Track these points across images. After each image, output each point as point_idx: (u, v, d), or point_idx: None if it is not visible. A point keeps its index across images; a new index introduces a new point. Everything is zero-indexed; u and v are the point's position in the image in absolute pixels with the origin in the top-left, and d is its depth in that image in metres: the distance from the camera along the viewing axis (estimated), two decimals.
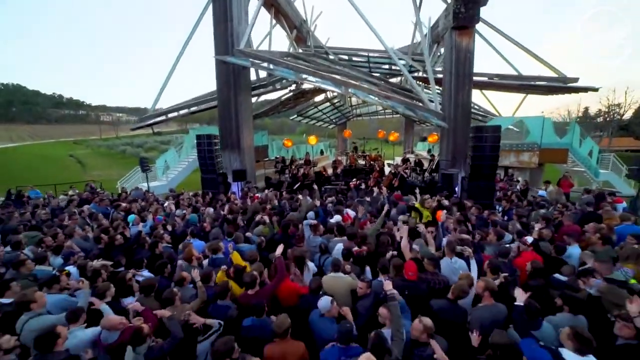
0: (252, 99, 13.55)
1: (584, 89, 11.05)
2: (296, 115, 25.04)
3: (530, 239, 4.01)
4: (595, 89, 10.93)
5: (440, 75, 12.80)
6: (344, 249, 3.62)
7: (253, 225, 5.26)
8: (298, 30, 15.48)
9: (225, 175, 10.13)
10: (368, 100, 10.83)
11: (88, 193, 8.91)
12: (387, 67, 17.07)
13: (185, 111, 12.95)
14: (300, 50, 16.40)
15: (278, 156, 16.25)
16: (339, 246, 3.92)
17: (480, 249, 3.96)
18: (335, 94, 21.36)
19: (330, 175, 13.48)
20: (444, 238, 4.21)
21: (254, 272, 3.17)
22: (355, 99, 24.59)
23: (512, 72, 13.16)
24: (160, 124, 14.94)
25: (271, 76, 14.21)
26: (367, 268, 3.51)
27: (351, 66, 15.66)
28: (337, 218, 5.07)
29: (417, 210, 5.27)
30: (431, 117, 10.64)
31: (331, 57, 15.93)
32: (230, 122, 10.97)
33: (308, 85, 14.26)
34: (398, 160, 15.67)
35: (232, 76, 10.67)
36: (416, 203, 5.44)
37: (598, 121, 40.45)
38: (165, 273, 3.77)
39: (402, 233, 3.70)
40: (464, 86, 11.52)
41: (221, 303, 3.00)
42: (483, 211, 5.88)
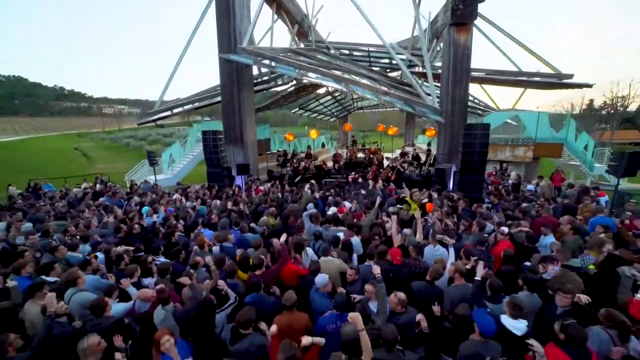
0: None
1: (578, 85, 11.30)
2: (298, 108, 25.34)
3: (506, 230, 4.44)
4: (589, 86, 11.18)
5: (440, 70, 13.04)
6: (333, 237, 4.11)
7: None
8: (299, 25, 15.65)
9: (229, 169, 10.59)
10: (367, 96, 11.15)
11: (102, 186, 9.42)
12: (387, 62, 17.27)
13: (189, 106, 13.32)
14: (302, 45, 16.61)
15: (280, 149, 16.64)
16: (329, 233, 4.43)
17: (459, 238, 4.41)
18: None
19: (330, 168, 13.91)
20: (431, 228, 4.68)
21: (261, 256, 3.65)
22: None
23: (511, 67, 13.40)
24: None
25: (273, 71, 14.49)
26: (355, 255, 3.97)
27: (352, 61, 15.89)
28: (333, 210, 5.54)
29: (407, 202, 5.71)
30: (428, 113, 10.97)
31: (332, 52, 16.16)
32: (233, 118, 11.33)
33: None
34: (397, 154, 16.02)
35: (235, 73, 10.97)
36: (407, 196, 5.89)
37: (602, 114, 40.05)
38: (180, 258, 4.27)
39: (392, 223, 4.15)
40: (462, 82, 11.75)
41: (230, 281, 3.48)
42: (470, 204, 6.32)
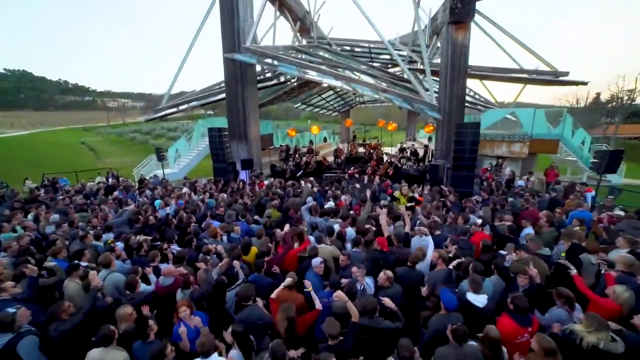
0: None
1: (574, 83, 11.54)
2: (300, 103, 25.65)
3: (479, 221, 4.92)
4: (584, 83, 11.42)
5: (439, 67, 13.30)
6: (328, 227, 4.62)
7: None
8: (301, 22, 15.89)
9: (234, 164, 11.06)
10: (366, 94, 11.49)
11: (114, 180, 9.96)
12: (388, 57, 17.50)
13: (195, 103, 13.76)
14: (304, 41, 16.88)
15: (283, 144, 17.07)
16: (326, 224, 4.96)
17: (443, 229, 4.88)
18: None
19: (330, 163, 14.34)
20: (418, 220, 5.14)
21: (268, 244, 4.20)
22: None
23: (511, 63, 13.60)
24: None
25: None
26: (348, 244, 4.44)
27: (352, 57, 16.18)
28: (331, 203, 6.02)
29: (397, 197, 6.20)
30: (426, 110, 11.31)
31: (333, 48, 16.43)
32: (237, 115, 11.76)
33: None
34: (396, 149, 16.39)
35: (240, 71, 11.36)
36: (397, 192, 6.34)
37: (609, 107, 39.64)
38: (192, 246, 4.77)
39: (382, 215, 4.62)
40: (459, 79, 12.07)
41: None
42: (461, 198, 6.75)
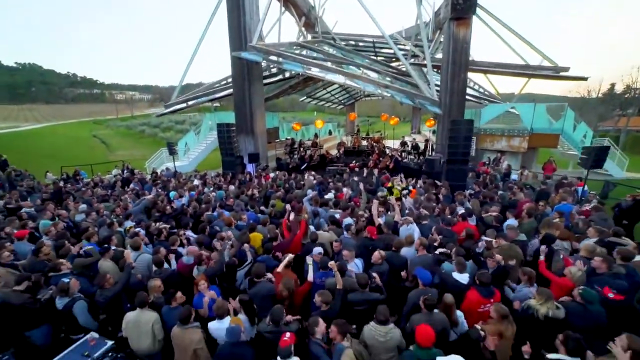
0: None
1: (574, 78, 11.67)
2: (306, 97, 25.96)
3: (461, 211, 5.38)
4: (584, 79, 11.55)
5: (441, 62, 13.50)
6: (330, 216, 5.14)
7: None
8: (306, 17, 16.14)
9: (241, 157, 11.62)
10: (369, 90, 11.84)
11: (129, 173, 10.64)
12: (392, 51, 17.66)
13: (204, 99, 14.28)
14: (309, 36, 17.15)
15: (288, 138, 17.55)
16: (327, 214, 5.50)
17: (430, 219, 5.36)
18: None
19: (334, 156, 14.81)
20: (407, 210, 5.65)
21: (276, 231, 4.74)
22: None
23: (514, 57, 13.70)
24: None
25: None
26: (345, 232, 4.96)
27: (356, 52, 16.43)
28: (331, 194, 6.56)
29: (391, 189, 6.69)
30: (427, 105, 11.63)
31: (338, 43, 16.68)
32: (244, 110, 12.27)
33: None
34: (397, 143, 16.72)
35: (246, 68, 11.81)
36: (391, 183, 6.82)
37: (623, 99, 38.65)
38: (205, 232, 5.36)
39: (374, 205, 5.13)
40: (460, 74, 12.27)
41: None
42: (453, 191, 7.19)
